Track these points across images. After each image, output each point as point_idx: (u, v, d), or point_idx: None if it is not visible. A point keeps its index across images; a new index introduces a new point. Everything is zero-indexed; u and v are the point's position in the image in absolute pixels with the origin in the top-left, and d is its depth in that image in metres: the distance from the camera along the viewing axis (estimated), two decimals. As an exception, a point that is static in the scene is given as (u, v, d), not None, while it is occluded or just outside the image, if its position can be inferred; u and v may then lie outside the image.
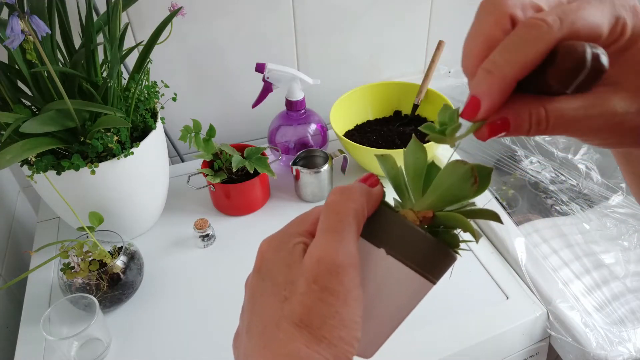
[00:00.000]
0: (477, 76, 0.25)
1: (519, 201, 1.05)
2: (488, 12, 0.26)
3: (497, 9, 0.25)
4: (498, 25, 0.26)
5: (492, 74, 0.25)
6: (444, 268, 0.32)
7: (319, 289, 0.27)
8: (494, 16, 0.26)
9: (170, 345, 0.66)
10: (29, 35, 0.54)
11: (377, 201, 0.31)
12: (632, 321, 0.65)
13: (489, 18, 0.26)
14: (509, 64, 0.24)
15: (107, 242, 0.71)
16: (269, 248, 0.31)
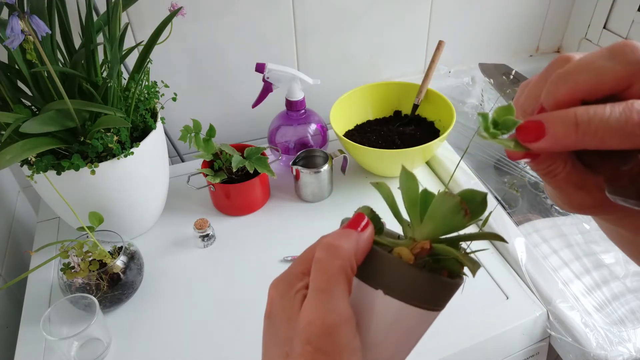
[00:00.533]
0: (564, 117, 0.24)
1: (519, 201, 1.05)
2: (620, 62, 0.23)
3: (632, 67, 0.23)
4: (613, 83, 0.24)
5: (577, 130, 0.23)
6: (448, 297, 0.31)
7: (312, 350, 0.27)
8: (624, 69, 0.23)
9: (170, 345, 0.66)
10: (29, 35, 0.54)
11: (368, 247, 0.30)
12: (632, 321, 0.65)
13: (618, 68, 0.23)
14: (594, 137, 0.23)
15: (107, 242, 0.71)
16: (276, 293, 0.33)
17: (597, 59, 0.24)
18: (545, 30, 1.19)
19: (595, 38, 1.12)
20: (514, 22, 1.14)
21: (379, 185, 0.33)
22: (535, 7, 1.13)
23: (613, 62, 0.23)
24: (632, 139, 0.22)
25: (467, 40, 1.12)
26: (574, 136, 0.23)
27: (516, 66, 1.19)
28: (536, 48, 1.22)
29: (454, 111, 0.87)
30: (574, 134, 0.23)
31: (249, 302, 0.71)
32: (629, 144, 0.23)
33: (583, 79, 0.24)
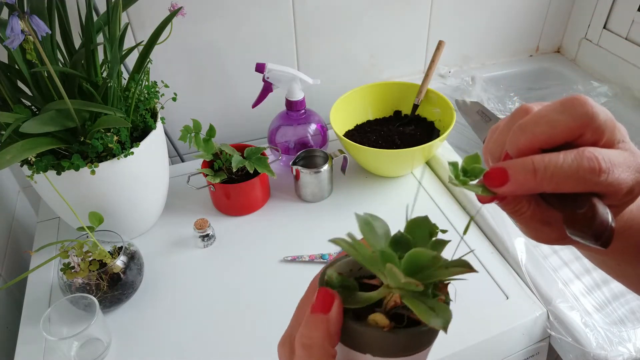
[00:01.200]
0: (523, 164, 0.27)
1: (519, 201, 1.05)
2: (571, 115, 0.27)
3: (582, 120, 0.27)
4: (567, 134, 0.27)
5: (535, 176, 0.27)
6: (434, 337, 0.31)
7: None
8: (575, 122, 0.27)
9: (170, 345, 0.66)
10: (29, 35, 0.54)
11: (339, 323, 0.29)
12: (632, 321, 0.65)
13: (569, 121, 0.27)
14: (550, 182, 0.26)
15: (107, 242, 0.71)
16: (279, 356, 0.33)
17: (551, 112, 0.28)
18: (545, 30, 1.19)
19: (595, 38, 1.12)
20: (514, 22, 1.14)
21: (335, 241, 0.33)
22: (535, 7, 1.13)
23: (565, 116, 0.27)
24: (583, 183, 0.26)
25: (467, 40, 1.12)
26: (533, 181, 0.27)
27: (516, 66, 1.19)
28: (536, 48, 1.22)
29: (454, 111, 0.87)
30: (532, 179, 0.27)
31: (249, 302, 0.71)
32: (581, 187, 0.26)
33: (540, 130, 0.27)
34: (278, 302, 0.70)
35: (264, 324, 0.67)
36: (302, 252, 0.77)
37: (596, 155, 0.26)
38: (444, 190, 0.89)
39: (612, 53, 1.08)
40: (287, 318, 0.71)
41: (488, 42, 1.15)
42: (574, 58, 1.20)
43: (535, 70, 1.20)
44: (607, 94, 1.04)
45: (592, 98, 1.02)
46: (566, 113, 0.27)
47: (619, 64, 1.07)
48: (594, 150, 0.27)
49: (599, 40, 1.12)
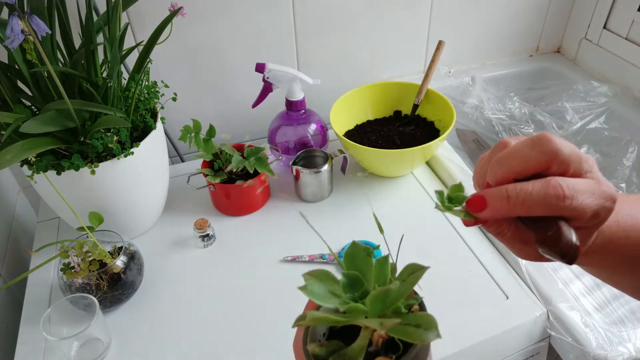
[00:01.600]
0: (499, 192, 0.32)
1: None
2: (539, 151, 0.32)
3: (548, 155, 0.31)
4: (536, 166, 0.32)
5: (508, 203, 0.31)
6: (430, 343, 0.33)
7: None
8: (542, 157, 0.31)
9: (170, 345, 0.66)
10: (29, 35, 0.54)
11: None
12: (632, 321, 0.65)
13: (537, 156, 0.32)
14: (522, 207, 0.31)
15: (107, 242, 0.71)
16: None
17: (523, 148, 0.32)
18: (545, 30, 1.19)
19: (595, 38, 1.12)
20: (514, 22, 1.14)
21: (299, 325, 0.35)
22: (535, 7, 1.13)
23: (534, 151, 0.32)
24: (550, 208, 0.31)
25: (467, 40, 1.12)
26: (507, 207, 0.31)
27: (516, 66, 1.19)
28: (536, 48, 1.22)
29: (454, 111, 0.87)
30: (506, 205, 0.31)
31: (249, 301, 0.71)
32: (549, 211, 0.31)
33: (514, 163, 0.32)
34: (278, 302, 0.70)
35: (264, 323, 0.67)
36: (302, 252, 0.77)
37: (561, 183, 0.31)
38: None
39: (612, 53, 1.08)
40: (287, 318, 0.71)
41: (488, 42, 1.15)
42: (574, 58, 1.20)
43: (535, 70, 1.20)
44: (607, 94, 1.04)
45: (592, 98, 1.03)
46: (535, 149, 0.32)
47: (619, 64, 1.07)
48: (560, 180, 0.31)
49: (599, 40, 1.12)
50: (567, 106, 1.02)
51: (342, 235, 0.80)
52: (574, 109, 1.02)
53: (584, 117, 1.01)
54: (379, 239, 0.78)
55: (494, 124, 1.00)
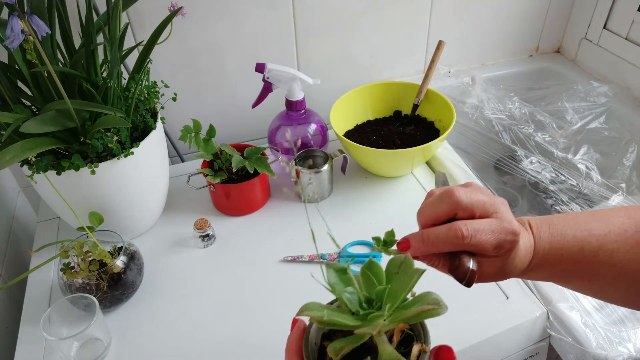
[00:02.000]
0: (417, 235, 0.42)
1: (519, 201, 1.05)
2: (445, 202, 0.41)
3: (452, 206, 0.41)
4: (446, 214, 0.41)
5: (423, 243, 0.41)
6: None
7: None
8: (448, 207, 0.41)
9: (170, 345, 0.66)
10: (29, 35, 0.54)
11: None
12: (632, 321, 0.65)
13: (445, 207, 0.41)
14: (433, 246, 0.41)
15: (107, 242, 0.71)
16: None
17: (434, 201, 0.42)
18: (545, 30, 1.19)
19: (595, 38, 1.12)
20: (514, 22, 1.14)
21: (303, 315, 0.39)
22: (535, 7, 1.13)
23: (442, 204, 0.41)
24: (454, 245, 0.40)
25: (467, 40, 1.12)
26: (423, 247, 0.41)
27: (516, 66, 1.19)
28: (536, 48, 1.22)
29: (454, 111, 0.87)
30: (422, 245, 0.41)
31: (249, 301, 0.71)
32: (454, 248, 0.40)
33: (428, 213, 0.42)
34: (278, 302, 0.70)
35: (264, 323, 0.67)
36: (302, 252, 0.77)
37: (461, 226, 0.39)
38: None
39: (612, 53, 1.08)
40: (286, 318, 0.71)
41: (488, 42, 1.15)
42: (574, 58, 1.20)
43: (535, 70, 1.20)
44: (607, 94, 1.04)
45: (592, 98, 1.03)
46: (443, 202, 0.41)
47: (619, 64, 1.07)
48: (461, 223, 0.39)
49: (599, 40, 1.12)
50: (567, 106, 1.02)
51: (342, 235, 0.79)
52: (574, 109, 1.02)
53: (584, 117, 1.01)
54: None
55: (494, 124, 1.00)
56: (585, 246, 0.42)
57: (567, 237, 0.43)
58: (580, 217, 0.44)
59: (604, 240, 0.42)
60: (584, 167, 0.91)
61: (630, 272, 0.42)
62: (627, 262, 0.42)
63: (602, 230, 0.43)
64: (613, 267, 0.42)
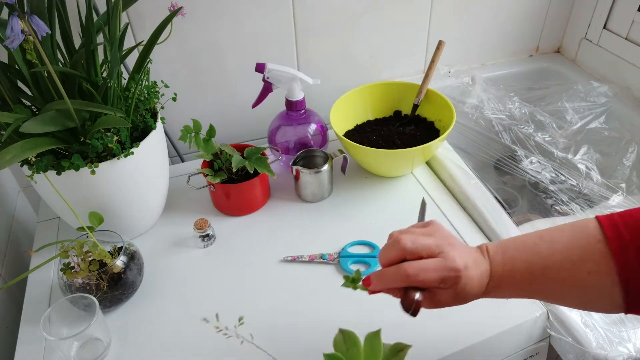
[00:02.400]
0: (376, 274, 0.50)
1: (519, 201, 1.05)
2: (395, 249, 0.49)
3: (400, 252, 0.49)
4: (396, 258, 0.49)
5: (380, 281, 0.50)
6: None
7: None
8: (397, 253, 0.49)
9: (170, 345, 0.66)
10: (29, 35, 0.54)
11: None
12: (632, 321, 0.65)
13: (394, 253, 0.49)
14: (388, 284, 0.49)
15: (107, 242, 0.71)
16: None
17: (387, 247, 0.50)
18: (545, 30, 1.19)
19: (595, 38, 1.12)
20: (514, 22, 1.14)
21: None
22: (535, 7, 1.13)
23: (393, 250, 0.49)
24: (403, 282, 0.48)
25: (467, 40, 1.12)
26: (381, 284, 0.50)
27: (516, 66, 1.19)
28: (536, 48, 1.22)
29: (454, 111, 0.87)
30: (380, 282, 0.50)
31: (249, 301, 0.71)
32: (404, 284, 0.48)
33: (383, 258, 0.50)
34: (278, 302, 0.70)
35: (264, 323, 0.67)
36: (302, 252, 0.77)
37: (407, 267, 0.47)
38: (444, 190, 0.89)
39: (612, 53, 1.08)
40: (286, 318, 0.71)
41: (488, 42, 1.15)
42: (574, 58, 1.20)
43: (535, 70, 1.20)
44: (607, 94, 1.04)
45: (592, 98, 1.03)
46: (393, 248, 0.49)
47: (619, 64, 1.07)
48: (408, 264, 0.47)
49: (599, 40, 1.12)
50: (567, 106, 1.02)
51: (342, 235, 0.80)
52: (574, 109, 1.02)
53: (584, 117, 1.01)
54: (379, 239, 0.78)
55: (494, 124, 1.00)
56: (533, 267, 0.48)
57: (516, 261, 0.49)
58: (530, 241, 0.50)
59: (549, 260, 0.47)
60: (584, 167, 0.91)
61: (576, 286, 0.47)
62: (572, 277, 0.46)
63: (548, 251, 0.48)
64: (562, 282, 0.47)
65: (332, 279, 0.73)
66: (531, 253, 0.48)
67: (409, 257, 0.48)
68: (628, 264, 0.44)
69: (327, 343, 0.64)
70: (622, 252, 0.44)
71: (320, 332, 0.66)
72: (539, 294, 0.50)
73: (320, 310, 0.69)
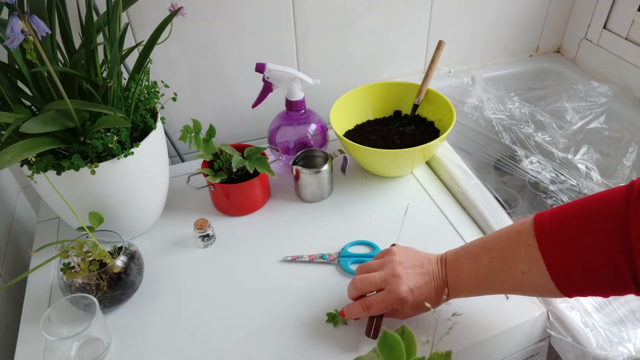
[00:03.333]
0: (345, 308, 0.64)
1: (519, 201, 1.05)
2: (352, 289, 0.63)
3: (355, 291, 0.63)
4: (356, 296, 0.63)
5: (348, 313, 0.64)
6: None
7: None
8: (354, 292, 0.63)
9: (170, 345, 0.66)
10: (29, 35, 0.54)
11: None
12: (632, 321, 0.65)
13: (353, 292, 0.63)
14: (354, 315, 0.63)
15: (107, 242, 0.71)
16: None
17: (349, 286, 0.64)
18: (545, 30, 1.19)
19: (595, 38, 1.12)
20: (514, 22, 1.14)
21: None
22: (535, 7, 1.13)
23: (352, 290, 0.63)
24: (361, 314, 0.62)
25: (467, 40, 1.12)
26: (350, 315, 0.63)
27: (516, 66, 1.19)
28: (536, 48, 1.22)
29: (454, 111, 0.87)
30: (349, 314, 0.63)
31: (249, 301, 0.71)
32: (362, 315, 0.63)
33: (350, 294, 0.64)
34: (278, 302, 0.70)
35: (264, 323, 0.67)
36: (302, 252, 0.77)
37: (361, 302, 0.61)
38: (443, 190, 0.89)
39: (612, 53, 1.08)
40: (286, 318, 0.71)
41: (488, 42, 1.15)
42: (574, 58, 1.20)
43: (535, 70, 1.20)
44: (607, 94, 1.04)
45: (592, 98, 1.03)
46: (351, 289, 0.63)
47: (619, 64, 1.07)
48: (362, 300, 0.61)
49: (599, 40, 1.12)
50: (567, 106, 1.02)
51: (342, 235, 0.80)
52: (574, 109, 1.02)
53: (584, 117, 1.01)
54: (379, 239, 0.78)
55: (494, 124, 1.00)
56: (477, 274, 0.57)
57: (464, 270, 0.58)
58: (474, 250, 0.59)
59: (489, 265, 0.56)
60: (584, 167, 0.91)
61: (516, 284, 0.54)
62: (510, 278, 0.54)
63: (487, 259, 0.56)
64: (502, 283, 0.55)
65: (332, 279, 0.73)
66: (476, 262, 0.57)
67: (365, 293, 0.62)
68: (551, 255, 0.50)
69: (327, 343, 0.65)
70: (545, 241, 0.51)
71: (320, 332, 0.66)
72: (489, 292, 0.58)
73: (320, 310, 0.69)
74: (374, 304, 0.60)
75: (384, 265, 0.61)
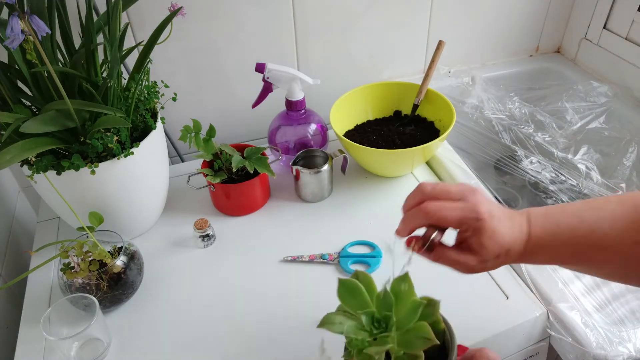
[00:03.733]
0: (401, 219, 0.51)
1: (519, 201, 1.05)
2: (415, 194, 0.50)
3: (420, 195, 0.50)
4: (417, 203, 0.49)
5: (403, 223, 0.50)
6: None
7: None
8: (417, 197, 0.50)
9: (170, 345, 0.66)
10: (29, 35, 0.54)
11: None
12: (632, 321, 0.65)
13: (415, 197, 0.50)
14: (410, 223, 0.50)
15: (107, 242, 0.71)
16: None
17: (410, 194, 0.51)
18: (545, 30, 1.19)
19: (595, 38, 1.12)
20: (514, 22, 1.14)
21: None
22: (535, 7, 1.13)
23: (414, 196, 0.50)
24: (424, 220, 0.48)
25: (467, 40, 1.12)
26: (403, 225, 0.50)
27: (516, 66, 1.19)
28: (536, 48, 1.22)
29: (454, 111, 0.87)
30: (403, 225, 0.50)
31: (249, 301, 0.71)
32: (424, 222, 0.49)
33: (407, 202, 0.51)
34: (278, 302, 0.70)
35: (264, 323, 0.67)
36: (302, 252, 0.77)
37: (427, 204, 0.48)
38: None
39: (612, 53, 1.08)
40: (286, 318, 0.71)
41: (488, 42, 1.15)
42: (574, 58, 1.20)
43: (535, 70, 1.20)
44: (607, 94, 1.04)
45: (592, 98, 1.03)
46: (414, 194, 0.50)
47: (619, 64, 1.07)
48: (427, 203, 0.48)
49: (599, 40, 1.12)
50: (567, 106, 1.02)
51: (342, 235, 0.80)
52: (574, 109, 1.02)
53: (584, 117, 1.01)
54: (379, 239, 0.78)
55: (494, 124, 1.00)
56: (576, 232, 0.47)
57: (560, 225, 0.47)
58: (575, 207, 0.49)
59: (594, 226, 0.46)
60: (584, 167, 0.91)
61: (619, 254, 0.46)
62: (616, 244, 0.46)
63: (593, 218, 0.47)
64: (604, 250, 0.46)
65: (332, 279, 0.73)
66: (576, 218, 0.47)
67: (428, 199, 0.49)
68: None
69: (326, 343, 0.64)
70: None
71: (320, 332, 0.66)
72: (579, 261, 0.48)
73: (320, 310, 0.69)
74: (444, 209, 0.47)
75: (459, 185, 0.50)
